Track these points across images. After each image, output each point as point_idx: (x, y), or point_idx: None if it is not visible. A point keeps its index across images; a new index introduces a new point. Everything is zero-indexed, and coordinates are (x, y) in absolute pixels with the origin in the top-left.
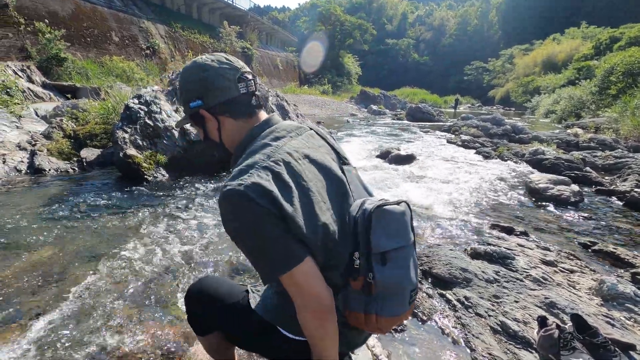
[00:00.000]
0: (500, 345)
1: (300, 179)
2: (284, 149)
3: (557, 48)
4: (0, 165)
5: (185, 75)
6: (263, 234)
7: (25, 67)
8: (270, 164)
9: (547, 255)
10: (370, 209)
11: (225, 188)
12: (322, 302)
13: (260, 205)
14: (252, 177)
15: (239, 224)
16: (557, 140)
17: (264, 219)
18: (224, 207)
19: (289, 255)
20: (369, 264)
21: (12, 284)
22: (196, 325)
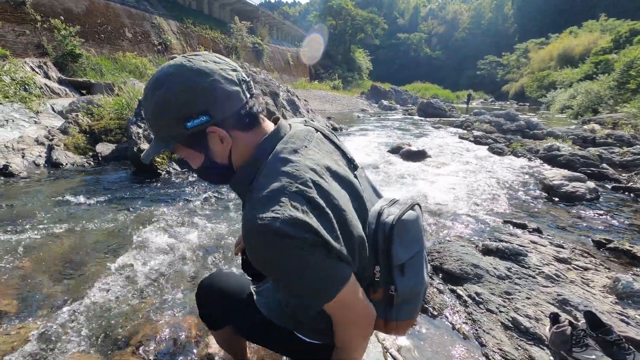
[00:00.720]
0: (512, 342)
1: (331, 199)
2: (305, 164)
3: (574, 42)
4: (19, 159)
5: (176, 84)
6: (303, 268)
7: (42, 63)
8: (300, 188)
9: (560, 252)
10: (391, 223)
11: (257, 222)
12: (370, 318)
13: (300, 239)
14: (287, 208)
15: (276, 261)
16: (572, 136)
17: (303, 253)
18: (257, 243)
19: (335, 280)
20: (390, 277)
21: (34, 274)
22: (208, 320)
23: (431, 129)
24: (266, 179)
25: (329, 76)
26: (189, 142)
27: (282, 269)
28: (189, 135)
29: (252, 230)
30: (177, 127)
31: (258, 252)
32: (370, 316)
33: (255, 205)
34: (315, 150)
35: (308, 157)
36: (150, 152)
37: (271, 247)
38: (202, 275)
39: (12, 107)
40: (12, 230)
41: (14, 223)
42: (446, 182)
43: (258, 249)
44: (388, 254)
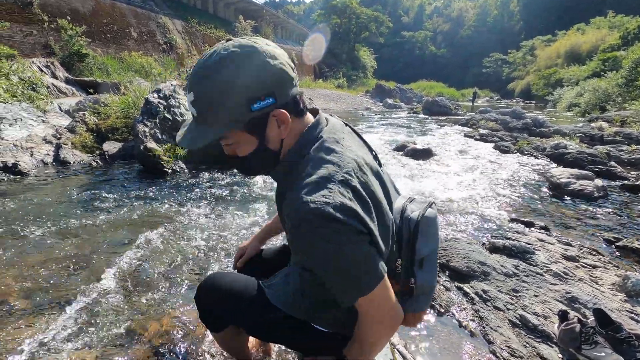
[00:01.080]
0: (520, 339)
1: (371, 190)
2: (348, 155)
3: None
4: (28, 157)
5: (246, 64)
6: (351, 256)
7: (49, 63)
8: (345, 177)
9: (568, 250)
10: (417, 219)
11: (309, 205)
12: (397, 319)
13: (349, 226)
14: (335, 194)
15: (321, 246)
16: (580, 134)
17: (353, 239)
18: (306, 227)
19: (374, 274)
20: (411, 270)
21: (43, 271)
22: (210, 322)
23: (436, 127)
24: (312, 166)
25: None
26: (247, 126)
27: (325, 254)
28: (250, 118)
29: (301, 213)
30: (240, 109)
31: (304, 236)
32: (398, 317)
33: (303, 190)
34: (351, 142)
35: (348, 148)
36: (199, 140)
37: (319, 231)
38: (208, 272)
39: (21, 106)
40: (21, 227)
41: (23, 220)
42: (452, 180)
43: (305, 233)
44: (412, 248)
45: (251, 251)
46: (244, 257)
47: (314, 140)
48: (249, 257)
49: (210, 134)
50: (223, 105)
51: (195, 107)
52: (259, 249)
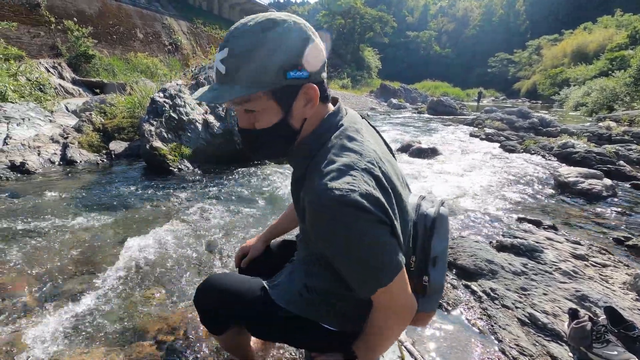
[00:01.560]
0: (529, 337)
1: (392, 181)
2: (368, 145)
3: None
4: (35, 157)
5: (293, 30)
6: (373, 245)
7: (56, 64)
8: (368, 166)
9: (577, 249)
10: (433, 216)
11: (334, 192)
12: (412, 311)
13: (373, 214)
14: (360, 182)
15: (347, 234)
16: (587, 134)
17: (376, 228)
18: (330, 213)
19: (394, 265)
20: (424, 268)
21: (51, 268)
22: (211, 324)
23: (442, 127)
24: (335, 153)
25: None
26: (277, 94)
27: (347, 242)
28: (283, 86)
29: (324, 199)
30: (275, 73)
31: (327, 223)
32: (412, 309)
33: (326, 177)
34: (369, 135)
35: (366, 139)
36: (224, 94)
37: (342, 218)
38: (212, 270)
39: (28, 106)
40: (28, 225)
41: (31, 218)
42: (458, 180)
43: (328, 219)
44: (427, 245)
45: (254, 252)
46: (248, 257)
47: (335, 127)
48: (252, 258)
49: (237, 91)
50: (260, 64)
51: (226, 64)
52: (262, 249)
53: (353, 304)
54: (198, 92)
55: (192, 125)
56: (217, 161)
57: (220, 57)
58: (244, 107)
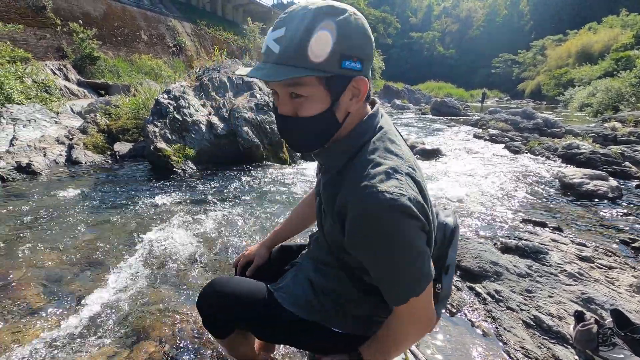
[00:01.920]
0: (534, 340)
1: (425, 188)
2: (406, 150)
3: (593, 38)
4: (41, 158)
5: (357, 21)
6: (415, 253)
7: (61, 66)
8: (410, 171)
9: (583, 251)
10: (453, 226)
11: (384, 195)
12: (432, 323)
13: (420, 221)
14: (406, 186)
15: (394, 239)
16: (592, 134)
17: (419, 235)
18: (377, 216)
19: (429, 274)
20: (438, 276)
21: (58, 268)
22: (214, 328)
23: (445, 128)
24: (380, 155)
25: None
26: (330, 81)
27: (392, 247)
28: (336, 74)
29: (374, 202)
30: (332, 60)
31: (373, 226)
32: (433, 321)
33: (374, 179)
34: (401, 139)
35: (403, 144)
36: (277, 73)
37: (392, 222)
38: (216, 271)
39: (34, 108)
40: (34, 226)
41: (37, 219)
42: (461, 181)
43: (376, 223)
44: (445, 253)
45: (259, 259)
46: (254, 265)
47: (374, 129)
48: (258, 266)
49: (291, 71)
50: (317, 47)
51: (281, 43)
52: (267, 256)
53: (363, 306)
54: (244, 70)
55: (196, 126)
56: (220, 162)
57: (275, 36)
58: (293, 90)
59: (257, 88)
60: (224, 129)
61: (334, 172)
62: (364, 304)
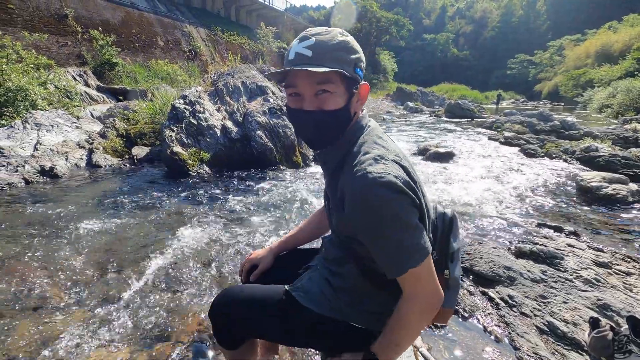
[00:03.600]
0: (547, 346)
1: (414, 173)
2: (391, 144)
3: (613, 37)
4: (63, 161)
5: (353, 39)
6: (406, 224)
7: (82, 72)
8: (395, 158)
9: (600, 256)
10: (451, 215)
11: (373, 175)
12: (437, 298)
13: (406, 195)
14: (392, 168)
15: (383, 213)
16: (612, 137)
17: (408, 209)
18: (368, 196)
19: (423, 247)
20: (444, 262)
21: (79, 270)
22: (227, 339)
23: (459, 131)
24: (369, 146)
25: None
26: (349, 81)
27: (383, 221)
28: (353, 75)
29: (363, 182)
30: (350, 64)
31: (364, 203)
32: (438, 296)
33: (364, 164)
34: (389, 138)
35: (389, 140)
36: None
37: (380, 198)
38: (231, 267)
39: (57, 113)
40: (57, 227)
41: (59, 221)
42: (475, 184)
43: (366, 200)
44: (447, 240)
45: (264, 264)
46: (258, 270)
47: (364, 127)
48: (262, 272)
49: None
50: (341, 53)
51: (313, 49)
52: (272, 261)
53: (378, 300)
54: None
55: (211, 130)
56: (234, 166)
57: (306, 44)
58: (322, 87)
59: (270, 92)
60: (238, 133)
61: (334, 167)
62: (378, 297)
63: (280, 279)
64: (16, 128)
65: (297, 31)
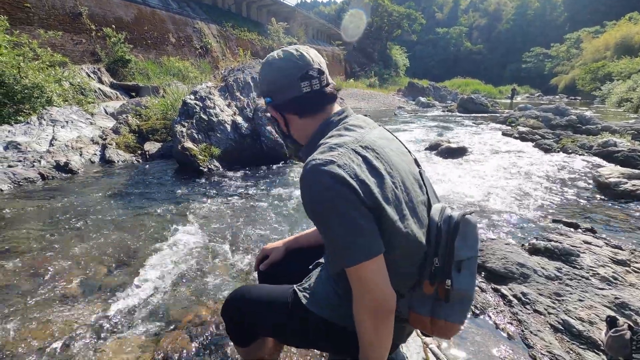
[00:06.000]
0: (562, 345)
1: (379, 165)
2: (366, 137)
3: (633, 29)
4: (78, 157)
5: (261, 72)
6: (343, 218)
7: (96, 69)
8: (357, 147)
9: (618, 254)
10: (457, 218)
11: (312, 162)
12: (383, 304)
13: (350, 187)
14: (343, 157)
15: (324, 202)
16: (632, 131)
17: (349, 201)
18: (309, 182)
19: (363, 248)
20: (447, 271)
21: (92, 262)
22: (239, 335)
23: (472, 126)
24: (329, 138)
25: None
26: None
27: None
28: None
29: (306, 172)
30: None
31: (308, 192)
32: (385, 300)
33: (315, 153)
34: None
35: (366, 135)
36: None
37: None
38: (241, 269)
39: (71, 110)
40: (71, 221)
41: (74, 214)
42: (488, 180)
43: (308, 189)
44: (450, 246)
45: (275, 255)
46: (269, 260)
47: (334, 123)
48: (273, 262)
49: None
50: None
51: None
52: (283, 254)
53: None
54: None
55: (222, 126)
56: (245, 161)
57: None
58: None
59: None
60: (248, 128)
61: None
62: None
63: (290, 271)
64: (32, 124)
65: (307, 27)
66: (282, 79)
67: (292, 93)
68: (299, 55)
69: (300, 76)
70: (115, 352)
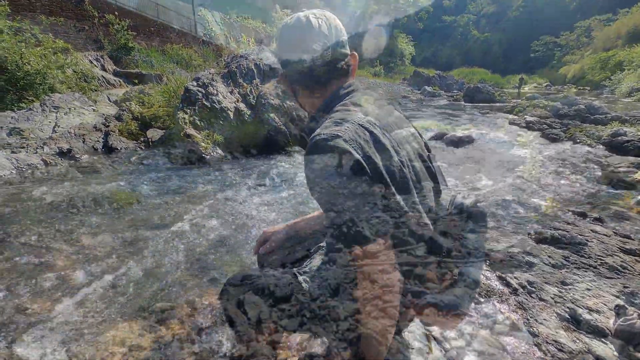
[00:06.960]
0: (569, 334)
1: (386, 142)
2: (374, 113)
3: None
4: (81, 144)
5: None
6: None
7: (99, 56)
8: (365, 123)
9: (627, 243)
10: (469, 205)
11: (316, 137)
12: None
13: (354, 160)
14: (349, 131)
15: (325, 174)
16: None
17: (354, 175)
18: (313, 154)
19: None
20: (453, 257)
21: (93, 248)
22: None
23: (479, 115)
24: (335, 113)
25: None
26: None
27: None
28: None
29: (311, 144)
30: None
31: (311, 163)
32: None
33: (320, 127)
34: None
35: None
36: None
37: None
38: (243, 254)
39: (74, 96)
40: (74, 208)
41: (76, 201)
42: (495, 169)
43: (312, 161)
44: (459, 235)
45: (275, 240)
46: (268, 245)
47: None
48: (272, 250)
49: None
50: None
51: None
52: (283, 239)
53: None
54: None
55: (224, 113)
56: (248, 148)
57: None
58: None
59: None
60: (251, 115)
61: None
62: None
63: (289, 254)
64: (35, 111)
65: None
66: (295, 50)
67: (301, 65)
68: (319, 23)
69: (312, 48)
70: (114, 337)
